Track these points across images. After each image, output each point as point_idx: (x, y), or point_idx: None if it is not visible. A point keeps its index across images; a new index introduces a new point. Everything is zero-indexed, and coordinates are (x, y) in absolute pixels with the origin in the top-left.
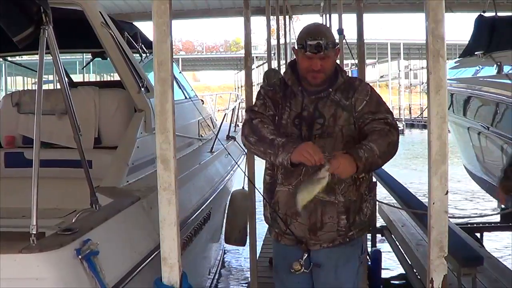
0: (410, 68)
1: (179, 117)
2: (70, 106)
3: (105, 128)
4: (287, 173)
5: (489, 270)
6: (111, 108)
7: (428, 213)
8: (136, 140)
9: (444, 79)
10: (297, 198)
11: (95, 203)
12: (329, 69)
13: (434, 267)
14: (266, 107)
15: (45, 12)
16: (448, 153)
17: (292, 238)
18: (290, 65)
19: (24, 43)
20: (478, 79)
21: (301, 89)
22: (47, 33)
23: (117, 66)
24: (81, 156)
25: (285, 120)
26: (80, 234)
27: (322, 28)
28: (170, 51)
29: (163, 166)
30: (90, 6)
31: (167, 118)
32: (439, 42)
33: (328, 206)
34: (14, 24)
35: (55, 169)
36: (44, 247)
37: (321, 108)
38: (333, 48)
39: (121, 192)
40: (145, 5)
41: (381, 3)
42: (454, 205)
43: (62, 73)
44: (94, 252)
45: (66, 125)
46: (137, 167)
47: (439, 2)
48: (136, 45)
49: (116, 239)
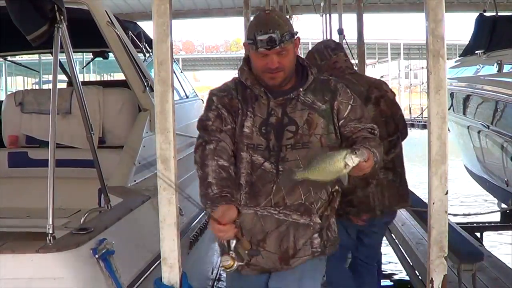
0: (410, 68)
1: (182, 116)
2: (83, 105)
3: (109, 127)
4: (253, 192)
5: (489, 268)
6: (115, 107)
7: (428, 213)
8: (142, 139)
9: (444, 79)
10: (311, 167)
11: (108, 203)
12: (290, 66)
13: (434, 267)
14: (221, 121)
15: (59, 10)
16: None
17: (258, 268)
18: (246, 61)
19: (38, 41)
20: (479, 77)
21: (263, 90)
22: (61, 32)
23: (122, 65)
24: (94, 155)
25: (249, 128)
26: (95, 234)
27: (274, 17)
28: (170, 51)
29: (163, 166)
30: (96, 5)
31: (167, 118)
32: (439, 42)
33: (302, 229)
34: (28, 22)
35: (59, 168)
36: (61, 246)
37: (291, 112)
38: (290, 40)
39: (130, 192)
40: (145, 5)
41: (381, 3)
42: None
43: (75, 72)
44: (110, 252)
45: (69, 124)
46: (144, 166)
47: (439, 2)
48: (140, 45)
49: (130, 238)
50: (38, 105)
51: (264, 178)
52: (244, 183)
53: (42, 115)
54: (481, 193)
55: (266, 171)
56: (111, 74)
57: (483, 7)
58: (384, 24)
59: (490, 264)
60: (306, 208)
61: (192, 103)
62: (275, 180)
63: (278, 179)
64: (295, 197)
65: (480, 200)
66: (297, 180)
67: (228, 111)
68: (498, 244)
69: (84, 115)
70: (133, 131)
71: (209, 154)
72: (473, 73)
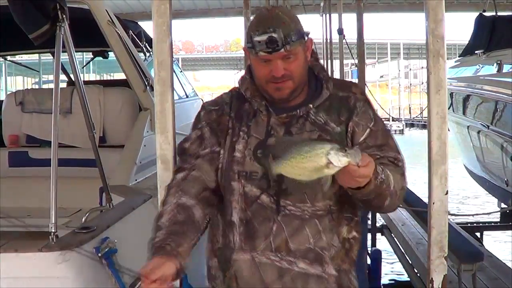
0: (410, 68)
1: (183, 116)
2: (86, 104)
3: (109, 127)
4: (249, 233)
5: (489, 268)
6: (115, 107)
7: (428, 213)
8: (143, 138)
9: (444, 79)
10: (280, 163)
11: (109, 202)
12: (300, 74)
13: (434, 267)
14: (200, 143)
15: (61, 9)
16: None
17: None
18: (249, 69)
19: (40, 40)
20: (478, 77)
21: (265, 103)
22: (63, 30)
23: (123, 64)
24: (96, 154)
25: (241, 152)
26: (98, 232)
27: (278, 13)
28: (170, 51)
29: (163, 166)
30: (97, 5)
31: (167, 118)
32: (439, 42)
33: (313, 282)
34: (30, 21)
35: (60, 168)
36: (64, 245)
37: (297, 133)
38: (299, 41)
39: (131, 191)
40: (145, 5)
41: (381, 3)
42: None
43: (77, 71)
44: (113, 250)
45: (69, 124)
46: (145, 165)
47: (439, 2)
48: (140, 44)
49: (132, 237)
50: (38, 105)
51: (261, 214)
52: (237, 221)
53: (42, 114)
54: (481, 193)
55: (264, 206)
56: (110, 74)
57: (483, 7)
58: (384, 24)
59: (490, 264)
60: (316, 255)
61: (192, 102)
62: (275, 218)
63: (279, 217)
64: (301, 240)
65: (480, 200)
66: (274, 177)
67: (212, 130)
68: (498, 244)
69: (86, 114)
70: (134, 131)
71: (173, 187)
72: (473, 73)
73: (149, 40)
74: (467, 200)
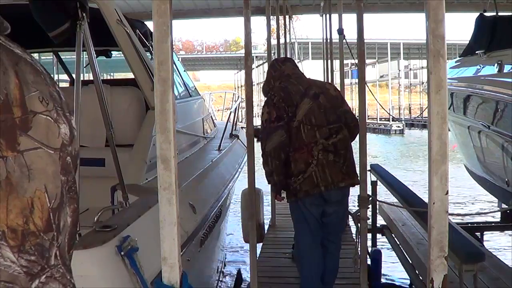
0: (410, 68)
1: (186, 115)
2: (104, 103)
3: (117, 126)
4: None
5: (490, 268)
6: (123, 106)
7: (428, 213)
8: (152, 137)
9: (444, 79)
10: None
11: (126, 200)
12: None
13: (434, 267)
14: None
15: (82, 7)
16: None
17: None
18: None
19: (60, 38)
20: (479, 78)
21: None
22: (83, 29)
23: (131, 63)
24: (113, 153)
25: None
26: (119, 231)
27: None
28: (170, 51)
29: (163, 166)
30: (106, 4)
31: (167, 118)
32: (440, 42)
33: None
34: (50, 19)
35: None
36: (87, 244)
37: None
38: None
39: (144, 189)
40: (145, 5)
41: (381, 3)
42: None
43: (96, 69)
44: (135, 249)
45: (76, 123)
46: (154, 164)
47: (439, 2)
48: (147, 43)
49: (150, 235)
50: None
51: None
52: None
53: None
54: (481, 193)
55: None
56: (110, 74)
57: (483, 7)
58: (384, 24)
59: (491, 264)
60: None
61: (195, 101)
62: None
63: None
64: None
65: (480, 200)
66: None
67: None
68: (498, 244)
69: (104, 113)
70: (143, 130)
71: None
72: (473, 73)
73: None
74: (467, 200)
